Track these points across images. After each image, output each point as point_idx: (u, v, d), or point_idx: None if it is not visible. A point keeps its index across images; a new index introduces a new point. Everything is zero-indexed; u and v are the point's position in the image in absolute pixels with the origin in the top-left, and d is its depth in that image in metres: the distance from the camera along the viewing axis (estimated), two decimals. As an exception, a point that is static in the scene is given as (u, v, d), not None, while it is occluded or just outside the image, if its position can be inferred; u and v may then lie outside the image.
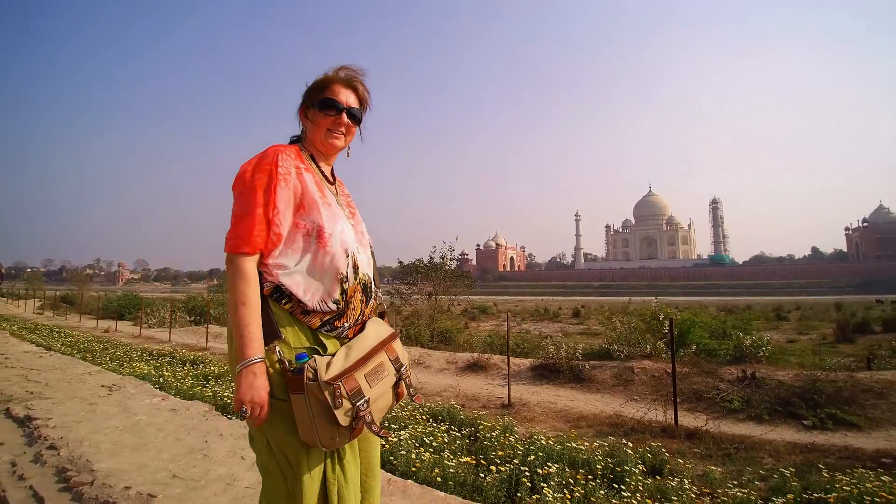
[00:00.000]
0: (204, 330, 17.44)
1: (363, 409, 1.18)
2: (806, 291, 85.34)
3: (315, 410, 1.14)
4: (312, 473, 1.21)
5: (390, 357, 1.32)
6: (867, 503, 3.42)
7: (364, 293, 1.37)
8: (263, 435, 1.23)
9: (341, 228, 1.34)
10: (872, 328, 18.46)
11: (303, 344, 1.25)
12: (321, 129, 1.41)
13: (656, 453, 4.59)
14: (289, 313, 1.26)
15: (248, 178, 1.27)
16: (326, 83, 1.41)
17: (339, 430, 1.16)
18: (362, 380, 1.21)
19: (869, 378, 7.09)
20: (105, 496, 2.26)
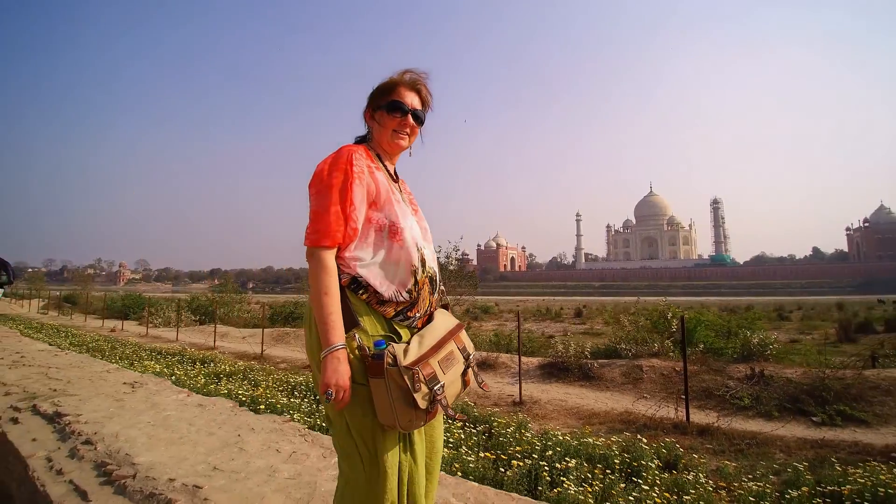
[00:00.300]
0: (210, 329, 17.53)
1: (440, 394, 1.25)
2: (807, 291, 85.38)
3: (395, 394, 1.21)
4: (389, 455, 1.28)
5: (458, 346, 1.39)
6: (881, 494, 3.50)
7: (431, 285, 1.44)
8: (343, 418, 1.30)
9: (411, 224, 1.42)
10: (875, 328, 18.50)
11: (379, 332, 1.32)
12: (387, 130, 1.48)
13: (671, 449, 4.66)
14: (365, 303, 1.33)
15: (325, 176, 1.34)
16: (392, 86, 1.48)
17: (417, 413, 1.22)
18: (437, 366, 1.28)
19: (876, 375, 7.16)
20: (150, 488, 2.32)
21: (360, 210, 1.35)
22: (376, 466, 1.27)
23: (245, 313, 22.38)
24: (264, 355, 12.27)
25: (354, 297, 1.33)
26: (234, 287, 28.16)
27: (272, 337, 14.69)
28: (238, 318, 20.75)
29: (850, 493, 3.64)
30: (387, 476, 1.27)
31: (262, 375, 8.13)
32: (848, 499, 3.60)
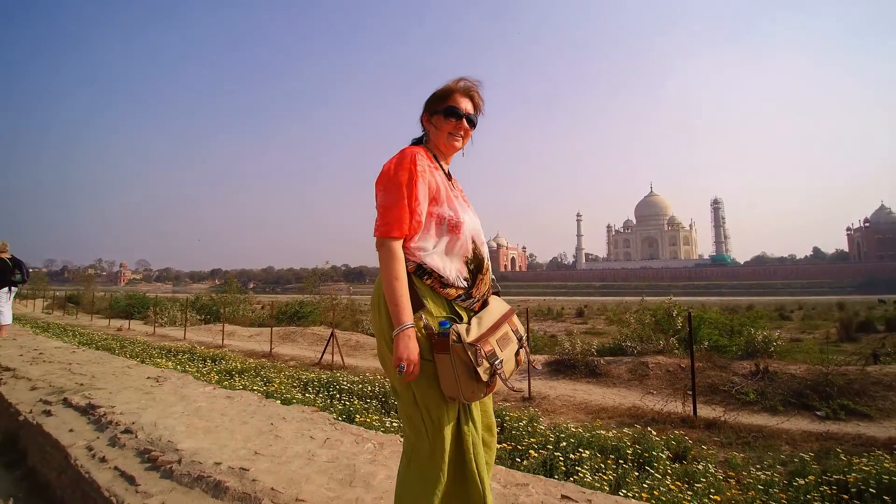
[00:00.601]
0: (216, 328, 17.67)
1: (499, 368, 1.40)
2: (807, 291, 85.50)
3: (459, 369, 1.36)
4: (451, 425, 1.44)
5: (512, 328, 1.54)
6: (885, 481, 3.63)
7: (487, 274, 1.61)
8: (410, 391, 1.45)
9: (468, 218, 1.59)
10: (875, 327, 18.64)
11: (442, 314, 1.48)
12: (444, 133, 1.64)
13: (680, 441, 4.81)
14: (430, 288, 1.49)
15: (392, 174, 1.50)
16: (449, 93, 1.64)
17: (479, 386, 1.37)
18: (495, 344, 1.43)
19: (878, 371, 7.29)
20: (198, 471, 2.44)
21: (423, 205, 1.50)
22: (439, 435, 1.42)
23: (250, 312, 22.51)
24: (273, 353, 12.41)
25: (420, 282, 1.48)
26: (237, 287, 28.28)
27: (279, 336, 14.83)
28: (243, 318, 20.89)
29: (855, 481, 3.77)
30: (447, 444, 1.42)
31: (274, 372, 8.27)
32: (854, 486, 3.73)
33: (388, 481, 2.33)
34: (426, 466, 1.42)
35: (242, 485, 2.27)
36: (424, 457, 1.43)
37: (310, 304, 21.10)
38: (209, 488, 2.31)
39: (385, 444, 2.97)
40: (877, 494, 3.57)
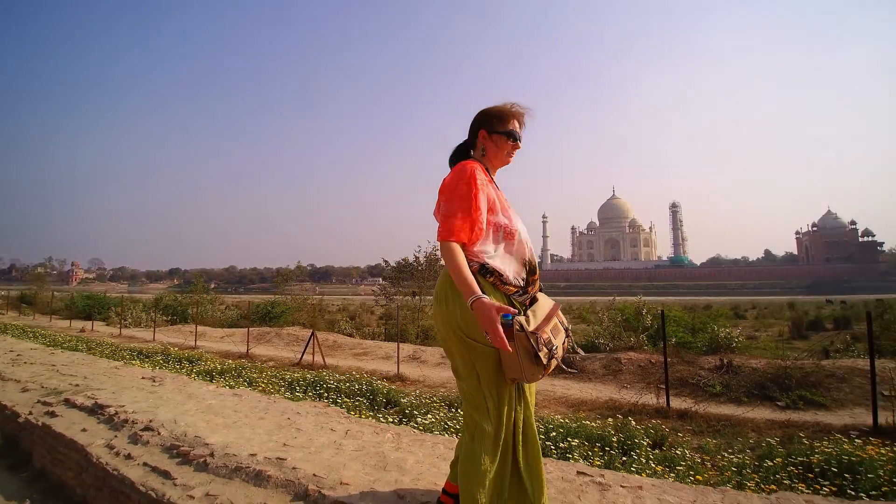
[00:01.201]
0: (186, 329, 17.33)
1: (556, 353, 1.64)
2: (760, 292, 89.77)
3: (522, 354, 1.58)
4: (508, 404, 1.68)
5: (559, 320, 1.78)
6: (845, 461, 4.06)
7: (536, 273, 1.85)
8: (475, 373, 1.68)
9: (521, 226, 1.84)
10: (824, 326, 19.88)
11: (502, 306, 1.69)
12: (502, 152, 1.89)
13: (657, 430, 5.18)
14: (491, 284, 1.72)
15: (455, 187, 1.74)
16: (509, 116, 1.87)
17: (538, 368, 1.60)
18: (549, 333, 1.66)
19: (832, 365, 7.92)
20: (234, 463, 2.56)
21: (483, 214, 1.73)
22: (500, 412, 1.66)
23: (219, 313, 22.08)
24: (250, 354, 12.32)
25: (483, 280, 1.71)
26: (203, 287, 27.64)
27: (253, 336, 14.66)
28: (212, 318, 20.48)
29: (818, 462, 4.18)
30: (505, 420, 1.67)
31: (255, 373, 8.27)
32: (817, 466, 4.14)
33: (418, 465, 2.53)
34: (491, 440, 1.65)
35: (283, 473, 2.43)
36: (488, 432, 1.66)
37: (281, 305, 20.88)
38: (250, 478, 2.45)
39: (402, 434, 3.16)
40: (838, 473, 3.97)
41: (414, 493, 2.16)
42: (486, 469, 1.65)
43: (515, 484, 1.72)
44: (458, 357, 1.72)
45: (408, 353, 11.22)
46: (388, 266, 20.20)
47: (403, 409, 5.93)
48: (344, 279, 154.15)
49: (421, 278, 18.08)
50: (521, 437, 1.72)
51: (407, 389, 7.74)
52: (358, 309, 29.18)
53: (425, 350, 11.53)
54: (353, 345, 13.11)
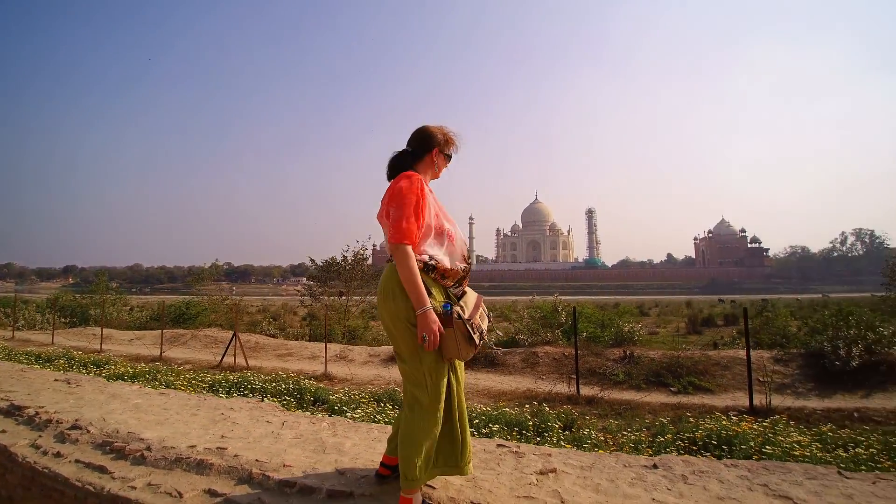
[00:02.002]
0: (88, 332, 16.10)
1: (484, 335, 2.00)
2: (662, 291, 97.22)
3: (459, 337, 1.90)
4: (444, 380, 1.98)
5: (483, 309, 2.12)
6: (723, 435, 4.76)
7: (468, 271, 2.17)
8: (417, 355, 1.95)
9: (458, 230, 2.15)
10: (716, 322, 22.20)
11: (441, 299, 2.00)
12: (441, 169, 2.23)
13: (568, 414, 5.76)
14: (433, 280, 2.02)
15: (405, 194, 1.99)
16: (452, 141, 2.22)
17: (472, 348, 1.93)
18: (478, 319, 2.01)
19: (717, 355, 9.02)
20: (174, 455, 2.62)
21: (429, 219, 2.03)
22: (437, 388, 1.95)
23: (125, 314, 20.60)
24: (163, 357, 11.72)
25: (426, 276, 1.99)
26: (106, 286, 25.56)
27: (166, 339, 13.92)
28: (118, 320, 19.09)
29: (701, 437, 4.87)
30: (442, 395, 1.97)
31: (172, 376, 7.98)
32: (700, 440, 4.82)
33: (355, 448, 2.75)
34: (427, 412, 1.95)
35: (225, 460, 2.55)
36: (427, 404, 1.95)
37: (197, 305, 19.88)
38: (191, 467, 2.54)
39: (337, 423, 3.35)
40: (717, 444, 4.65)
41: (353, 470, 2.38)
42: (423, 437, 1.94)
43: (446, 449, 2.03)
44: (402, 343, 1.99)
45: (335, 352, 11.24)
46: (314, 265, 19.83)
47: (332, 405, 6.07)
48: (264, 279, 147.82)
49: (348, 278, 17.99)
50: (454, 408, 2.04)
51: (335, 388, 7.84)
52: (280, 309, 28.33)
53: (353, 349, 11.61)
54: (277, 346, 12.87)
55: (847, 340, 8.06)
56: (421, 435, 1.93)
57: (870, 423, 6.03)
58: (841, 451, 4.43)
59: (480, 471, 2.38)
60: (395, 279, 1.97)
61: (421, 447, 1.93)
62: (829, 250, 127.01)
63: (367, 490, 2.18)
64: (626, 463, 2.55)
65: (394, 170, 2.17)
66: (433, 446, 1.97)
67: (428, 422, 1.94)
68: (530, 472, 2.36)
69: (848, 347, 7.91)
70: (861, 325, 8.41)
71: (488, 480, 2.26)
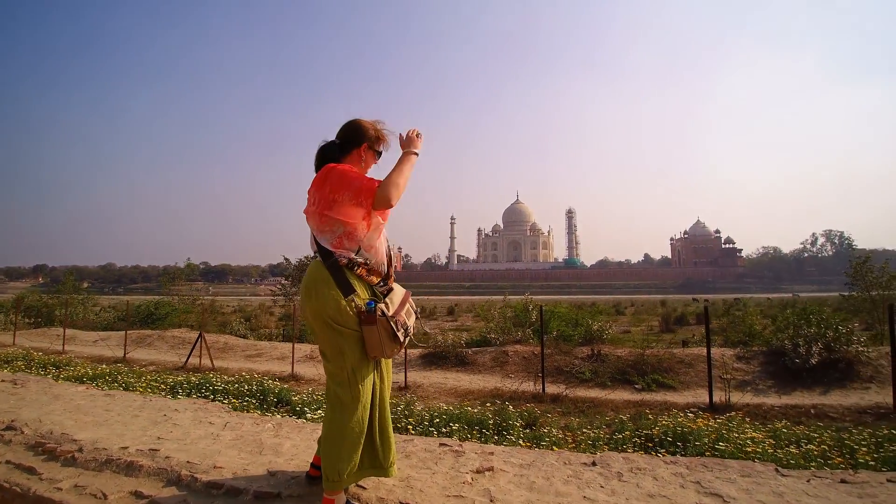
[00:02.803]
0: (51, 332, 15.64)
1: (410, 332, 1.97)
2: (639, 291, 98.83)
3: (383, 335, 1.88)
4: (368, 376, 1.94)
5: (410, 305, 2.09)
6: (678, 432, 4.81)
7: (392, 267, 2.13)
8: (341, 353, 1.91)
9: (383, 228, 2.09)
10: (689, 321, 22.63)
11: (366, 296, 1.96)
12: (369, 165, 2.17)
13: (531, 412, 5.77)
14: (358, 276, 1.96)
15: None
16: (382, 138, 2.16)
17: (396, 345, 1.91)
18: (404, 315, 1.98)
19: (682, 353, 9.16)
20: (104, 456, 2.53)
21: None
22: (360, 386, 1.91)
23: (92, 315, 20.05)
24: (128, 358, 11.43)
25: (351, 273, 1.94)
26: (74, 285, 24.87)
27: (131, 339, 13.56)
28: (84, 321, 18.57)
29: (658, 433, 4.92)
30: (366, 393, 1.93)
31: (133, 377, 7.77)
32: (657, 437, 4.87)
33: (294, 449, 2.69)
34: (350, 411, 1.90)
35: (156, 462, 2.47)
36: (349, 403, 1.90)
37: (166, 305, 19.46)
38: (121, 469, 2.46)
39: (283, 423, 3.28)
40: (672, 441, 4.70)
41: (285, 471, 2.33)
42: (346, 437, 1.89)
43: (369, 449, 1.99)
44: (325, 341, 1.94)
45: (305, 352, 11.10)
46: (290, 264, 19.60)
47: (294, 406, 5.96)
48: (242, 279, 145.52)
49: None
50: (377, 407, 2.00)
51: (301, 388, 7.72)
52: (256, 310, 27.93)
53: (323, 349, 11.45)
54: (247, 346, 12.66)
55: (807, 338, 8.25)
56: (343, 435, 1.89)
57: (825, 420, 6.19)
58: (794, 447, 4.51)
59: (416, 470, 2.35)
60: (318, 276, 1.93)
61: (343, 447, 1.88)
62: (800, 251, 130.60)
63: (296, 491, 2.12)
64: (566, 461, 2.55)
65: (323, 160, 2.10)
66: (357, 447, 1.92)
67: (350, 421, 1.89)
68: (466, 471, 2.33)
69: (808, 345, 8.10)
70: (821, 323, 8.62)
71: (421, 480, 2.22)
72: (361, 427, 1.92)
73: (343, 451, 1.88)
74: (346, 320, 1.88)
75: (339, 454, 1.88)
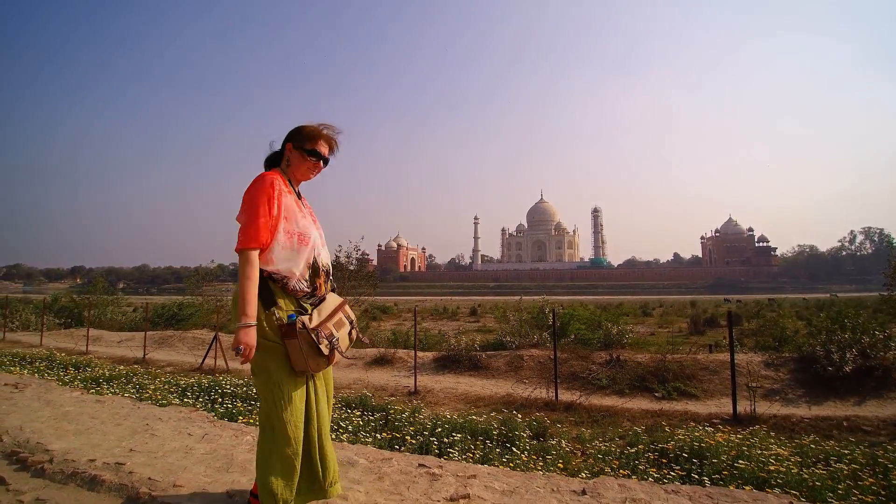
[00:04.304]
0: (79, 333, 15.99)
1: (336, 344, 1.82)
2: (668, 291, 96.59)
3: (305, 349, 1.75)
4: (297, 392, 1.81)
5: (344, 315, 1.96)
6: (696, 447, 4.50)
7: (326, 276, 2.00)
8: (266, 370, 1.80)
9: (313, 234, 1.96)
10: (719, 322, 21.75)
11: (290, 308, 1.84)
12: (303, 167, 2.00)
13: (540, 422, 5.50)
14: (280, 289, 1.85)
15: (253, 196, 1.83)
16: (316, 136, 1.97)
17: (322, 359, 1.79)
18: (332, 327, 1.84)
19: (706, 359, 8.71)
20: (71, 468, 2.46)
21: (278, 222, 1.84)
22: (291, 404, 1.78)
23: (120, 315, 20.56)
24: (147, 359, 11.59)
25: (273, 285, 1.84)
26: (103, 286, 25.59)
27: (154, 340, 13.81)
28: (111, 321, 19.04)
29: (674, 447, 4.62)
30: (296, 408, 1.80)
31: (148, 379, 7.82)
32: (672, 452, 4.56)
33: (266, 465, 2.54)
34: (279, 431, 1.77)
35: (119, 477, 2.37)
36: (277, 424, 1.78)
37: (190, 306, 19.79)
38: (84, 483, 2.38)
39: (265, 435, 3.15)
40: (688, 458, 4.40)
41: (244, 492, 2.18)
42: (277, 459, 1.77)
43: (307, 472, 1.85)
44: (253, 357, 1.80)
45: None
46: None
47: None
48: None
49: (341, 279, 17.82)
50: (314, 426, 1.86)
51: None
52: (278, 310, 28.15)
53: (353, 351, 11.40)
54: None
55: (840, 344, 7.74)
56: (274, 457, 1.78)
57: (858, 434, 5.74)
58: (821, 466, 4.16)
59: (385, 496, 2.16)
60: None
61: (275, 470, 1.77)
62: (837, 249, 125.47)
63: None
64: (554, 487, 2.32)
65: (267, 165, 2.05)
66: (291, 470, 1.79)
67: (280, 441, 1.78)
68: (438, 499, 2.13)
69: (841, 351, 7.58)
70: (856, 327, 8.08)
71: (387, 508, 2.03)
72: (295, 449, 1.79)
73: (277, 475, 1.76)
74: (267, 333, 1.78)
75: (273, 477, 1.76)
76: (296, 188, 2.02)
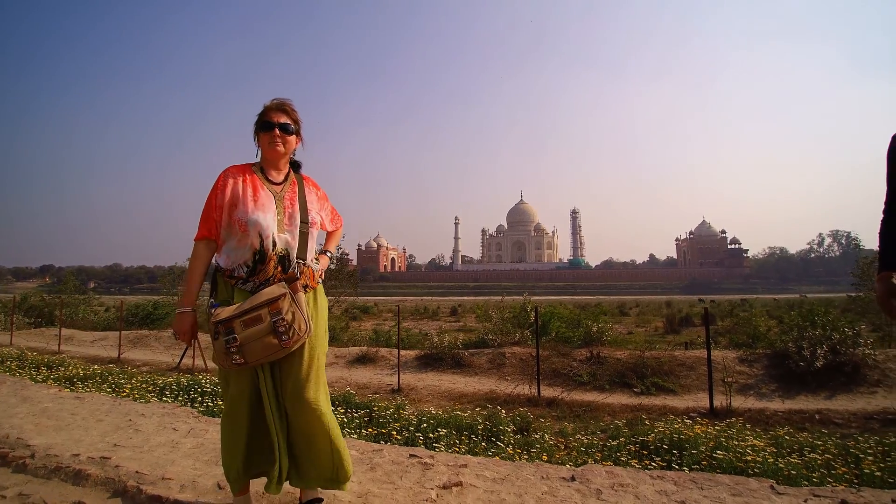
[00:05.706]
0: (50, 332, 15.54)
1: (231, 345, 1.68)
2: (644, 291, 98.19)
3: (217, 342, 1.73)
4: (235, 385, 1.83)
5: (272, 310, 1.73)
6: (675, 439, 4.61)
7: (281, 263, 1.85)
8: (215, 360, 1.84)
9: (259, 217, 1.82)
10: (694, 322, 22.26)
11: (224, 297, 1.86)
12: (265, 143, 1.94)
13: (524, 416, 5.56)
14: (221, 276, 1.88)
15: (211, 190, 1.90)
16: (264, 111, 1.96)
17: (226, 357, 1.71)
18: (239, 325, 1.70)
19: (683, 355, 8.91)
20: (55, 463, 2.41)
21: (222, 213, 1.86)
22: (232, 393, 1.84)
23: (92, 315, 20.01)
24: (122, 359, 11.32)
25: (220, 276, 1.89)
26: (74, 285, 24.87)
27: (128, 340, 13.49)
28: (84, 321, 18.52)
29: (654, 440, 4.72)
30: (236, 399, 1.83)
31: (125, 378, 7.65)
32: (652, 444, 4.67)
33: (255, 458, 2.53)
34: (228, 418, 1.87)
35: (105, 471, 2.33)
36: (226, 410, 1.89)
37: (166, 305, 19.37)
38: (69, 477, 2.33)
39: (252, 430, 3.12)
40: (668, 449, 4.50)
41: (236, 483, 2.16)
42: (226, 443, 1.87)
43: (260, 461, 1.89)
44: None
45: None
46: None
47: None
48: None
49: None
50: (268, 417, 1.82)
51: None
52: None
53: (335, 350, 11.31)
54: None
55: (812, 341, 8.00)
56: (225, 441, 1.89)
57: (830, 426, 5.96)
58: (796, 456, 4.30)
59: (379, 485, 2.17)
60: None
61: (225, 453, 1.88)
62: (806, 251, 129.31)
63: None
64: (543, 475, 2.36)
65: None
66: (239, 453, 1.85)
67: (229, 427, 1.87)
68: (432, 487, 2.15)
69: (812, 348, 7.84)
70: (826, 325, 8.36)
71: (381, 496, 2.05)
72: (233, 438, 1.85)
73: (227, 456, 1.88)
74: (205, 323, 1.84)
75: (225, 460, 1.89)
76: (273, 172, 1.95)
